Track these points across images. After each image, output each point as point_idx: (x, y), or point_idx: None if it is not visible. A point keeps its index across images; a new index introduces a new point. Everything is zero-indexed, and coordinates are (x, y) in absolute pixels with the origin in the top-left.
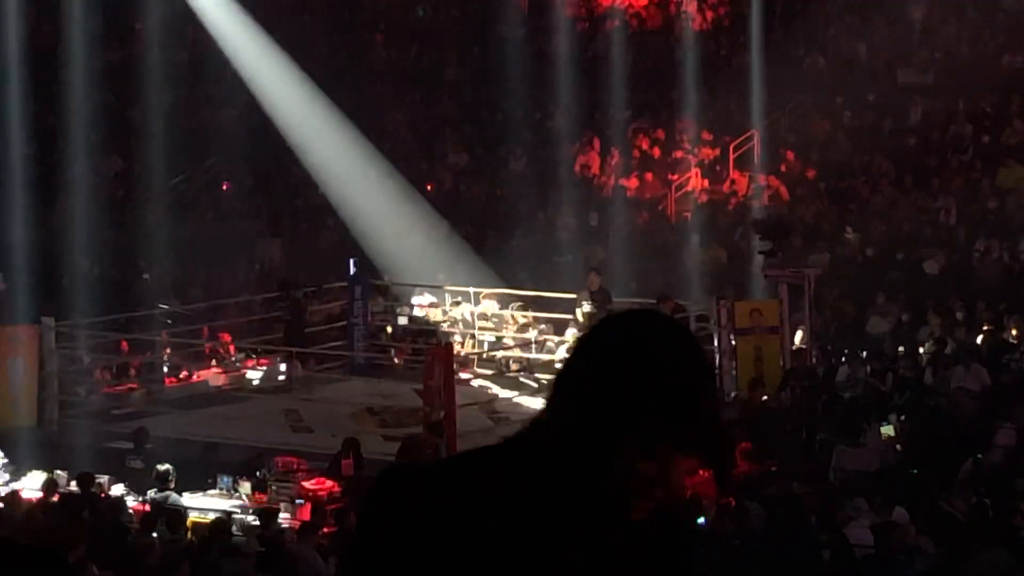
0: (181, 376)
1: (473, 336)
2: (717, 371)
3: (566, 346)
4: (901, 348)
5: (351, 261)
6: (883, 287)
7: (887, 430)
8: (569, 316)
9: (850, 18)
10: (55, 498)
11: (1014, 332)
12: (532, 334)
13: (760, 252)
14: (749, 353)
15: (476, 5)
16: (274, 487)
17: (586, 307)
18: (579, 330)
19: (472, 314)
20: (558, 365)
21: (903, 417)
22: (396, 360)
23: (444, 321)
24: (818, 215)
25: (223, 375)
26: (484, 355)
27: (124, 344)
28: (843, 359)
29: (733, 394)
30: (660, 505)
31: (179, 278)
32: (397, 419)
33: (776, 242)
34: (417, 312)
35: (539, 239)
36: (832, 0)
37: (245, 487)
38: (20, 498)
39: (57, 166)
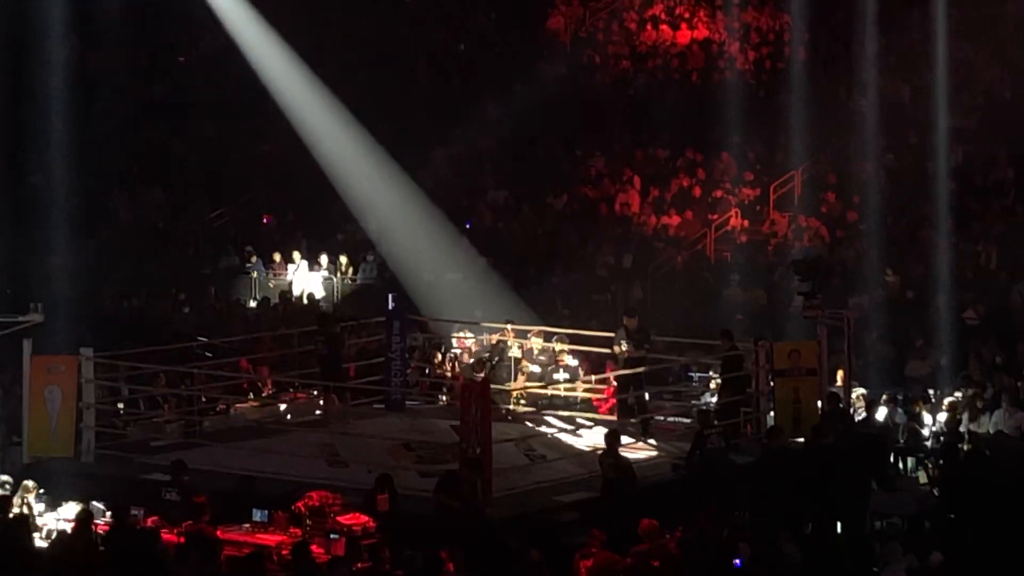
0: (218, 409)
1: (522, 372)
2: (754, 412)
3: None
4: (932, 391)
5: (390, 296)
6: (922, 330)
7: (921, 475)
8: (607, 352)
9: (893, 60)
10: (91, 529)
11: None
12: (579, 372)
13: (799, 293)
14: (787, 395)
15: (518, 41)
16: (309, 521)
17: (624, 346)
18: (617, 368)
19: (523, 350)
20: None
21: (940, 461)
22: (450, 376)
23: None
24: (858, 257)
25: (260, 408)
26: (526, 392)
27: (162, 376)
28: (881, 402)
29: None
30: None
31: (218, 310)
32: (433, 455)
33: (816, 283)
34: (455, 347)
35: (578, 277)
36: (875, 41)
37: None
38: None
39: (98, 197)
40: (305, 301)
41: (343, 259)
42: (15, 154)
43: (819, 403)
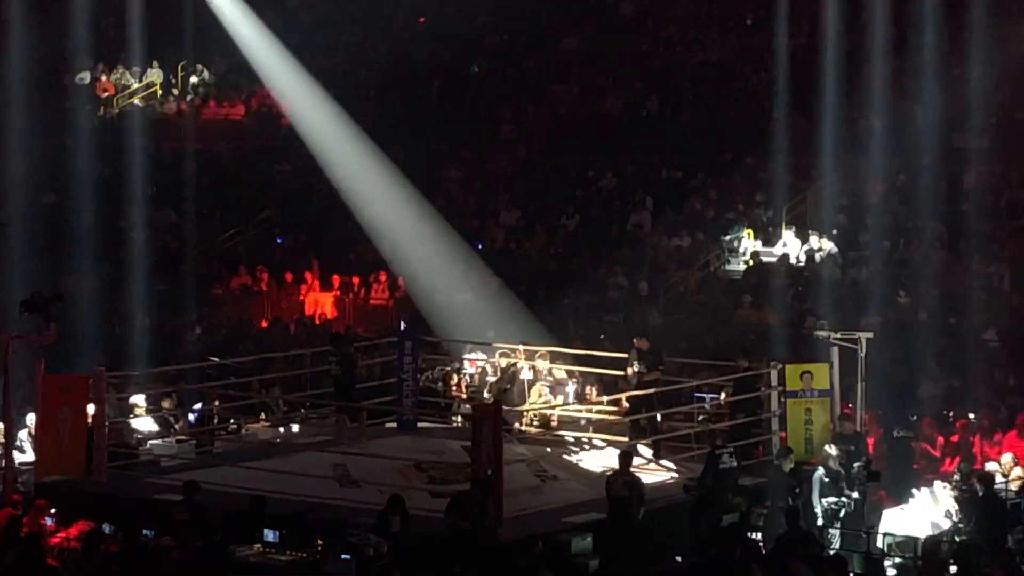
0: (230, 429)
1: (540, 394)
2: (766, 434)
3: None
4: (948, 413)
5: (402, 317)
6: (934, 352)
7: (931, 497)
8: (619, 374)
9: (905, 81)
10: (100, 549)
11: None
12: (570, 388)
13: (811, 314)
14: (799, 416)
15: (531, 62)
16: (320, 542)
17: (636, 367)
18: (629, 390)
19: (534, 371)
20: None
21: (956, 478)
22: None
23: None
24: (871, 278)
25: (272, 428)
26: (536, 413)
27: (174, 396)
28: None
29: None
30: None
31: (230, 330)
32: (445, 475)
33: (824, 304)
34: (468, 368)
35: (590, 298)
36: (886, 62)
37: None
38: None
39: (112, 218)
40: (317, 321)
41: (355, 279)
42: (30, 174)
43: (831, 425)
